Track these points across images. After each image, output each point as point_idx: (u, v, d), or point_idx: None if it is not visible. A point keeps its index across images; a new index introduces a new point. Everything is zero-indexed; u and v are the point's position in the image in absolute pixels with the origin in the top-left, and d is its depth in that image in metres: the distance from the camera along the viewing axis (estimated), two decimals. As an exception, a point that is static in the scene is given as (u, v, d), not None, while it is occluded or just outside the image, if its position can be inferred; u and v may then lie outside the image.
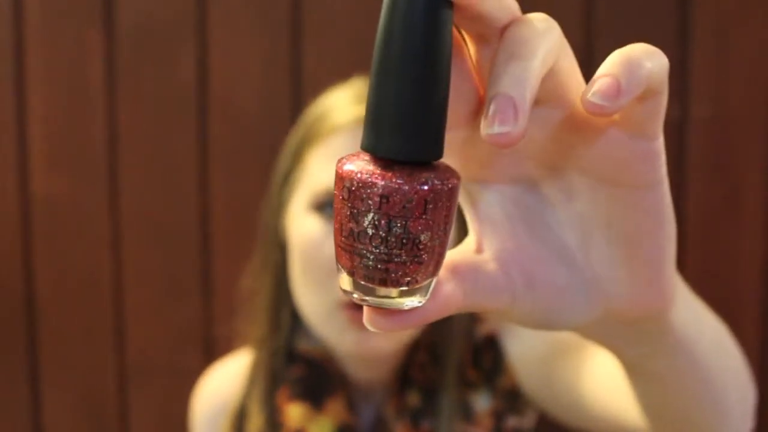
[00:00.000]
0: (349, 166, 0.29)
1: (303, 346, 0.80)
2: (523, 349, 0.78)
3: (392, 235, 0.28)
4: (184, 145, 1.18)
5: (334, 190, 0.30)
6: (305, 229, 0.72)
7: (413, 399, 0.78)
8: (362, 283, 0.30)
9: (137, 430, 1.25)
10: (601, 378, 0.63)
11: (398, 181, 0.28)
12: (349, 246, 0.29)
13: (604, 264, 0.34)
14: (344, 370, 0.79)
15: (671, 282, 0.35)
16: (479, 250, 0.35)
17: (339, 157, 0.30)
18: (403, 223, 0.28)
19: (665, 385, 0.41)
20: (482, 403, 0.78)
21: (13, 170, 1.21)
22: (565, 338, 0.73)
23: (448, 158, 0.32)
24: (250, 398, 0.80)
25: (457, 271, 0.33)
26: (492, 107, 0.27)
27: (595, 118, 0.30)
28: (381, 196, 0.28)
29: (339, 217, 0.30)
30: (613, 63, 0.27)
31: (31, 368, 1.26)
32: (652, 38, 1.21)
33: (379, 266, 0.29)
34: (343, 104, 0.75)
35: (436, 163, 0.29)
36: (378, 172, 0.28)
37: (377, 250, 0.29)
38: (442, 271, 0.32)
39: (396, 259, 0.29)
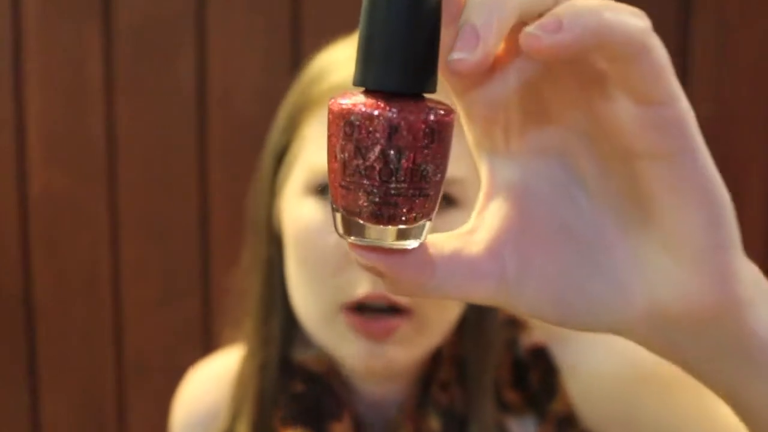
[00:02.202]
0: (347, 101, 0.28)
1: (300, 355, 0.66)
2: (587, 365, 0.62)
3: (401, 167, 0.28)
4: (184, 143, 1.18)
5: (328, 130, 0.29)
6: (302, 216, 0.60)
7: (433, 425, 0.63)
8: (362, 222, 0.29)
9: (136, 430, 1.25)
10: (724, 422, 0.50)
11: (404, 111, 0.27)
12: (355, 184, 0.28)
13: (642, 246, 0.30)
14: (351, 384, 0.65)
15: (731, 275, 0.29)
16: (473, 231, 0.32)
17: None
18: (412, 154, 0.27)
19: (761, 413, 0.32)
20: (523, 430, 0.63)
21: (11, 168, 1.21)
22: (654, 361, 0.49)
23: (470, 125, 0.32)
24: (238, 421, 0.67)
25: (434, 251, 0.30)
26: (458, 35, 0.26)
27: (589, 74, 0.28)
28: (389, 128, 0.27)
29: (340, 156, 0.28)
30: (561, 8, 0.26)
31: (30, 367, 1.26)
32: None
33: (388, 201, 0.28)
34: (346, 60, 0.62)
35: (429, 97, 0.28)
36: (381, 104, 0.27)
37: (386, 185, 0.28)
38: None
39: (404, 193, 0.28)
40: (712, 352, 0.31)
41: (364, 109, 0.27)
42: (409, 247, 0.29)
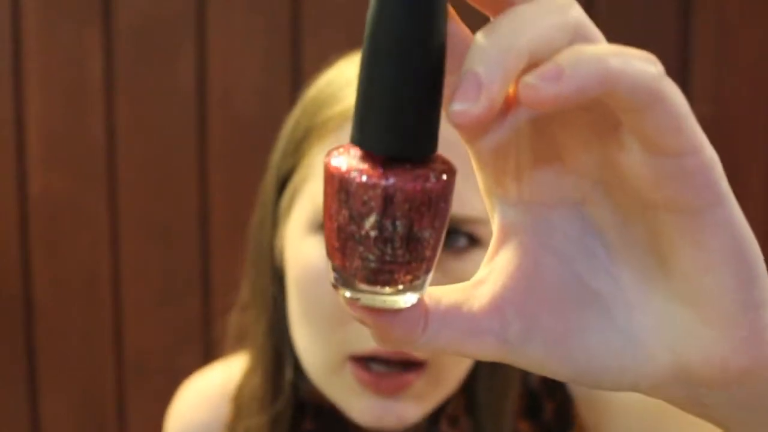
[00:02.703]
0: (341, 163, 0.27)
1: (309, 389, 0.61)
2: (605, 393, 0.58)
3: (396, 236, 0.27)
4: (184, 143, 1.18)
5: (324, 187, 0.27)
6: (306, 257, 0.55)
7: None
8: (360, 285, 0.28)
9: (135, 429, 1.25)
10: None
11: (401, 180, 0.26)
12: (350, 249, 0.27)
13: (666, 306, 0.28)
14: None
15: (762, 336, 0.27)
16: (481, 282, 0.30)
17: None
18: (408, 223, 0.26)
19: None
20: None
21: (11, 169, 1.21)
22: None
23: (480, 172, 0.30)
24: None
25: (430, 303, 0.28)
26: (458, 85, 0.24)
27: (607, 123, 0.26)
28: (385, 198, 0.26)
29: (335, 217, 0.27)
30: (563, 54, 0.24)
31: (30, 367, 1.25)
32: (654, 39, 1.21)
33: (383, 268, 0.27)
34: (354, 83, 0.56)
35: (430, 156, 0.27)
36: (377, 171, 0.26)
37: (380, 253, 0.27)
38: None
39: (400, 260, 0.27)
40: (741, 409, 0.29)
41: (359, 179, 0.26)
42: (406, 305, 0.28)
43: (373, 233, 0.27)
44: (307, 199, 0.57)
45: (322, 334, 0.55)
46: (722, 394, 0.28)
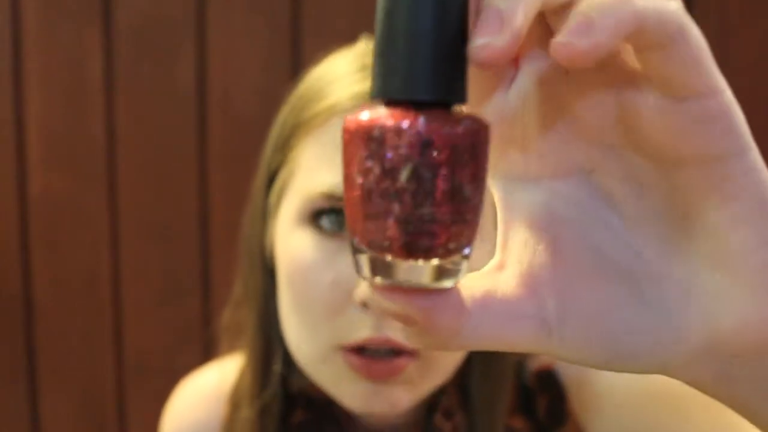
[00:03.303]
0: (363, 116, 0.24)
1: (300, 383, 0.62)
2: (595, 383, 0.59)
3: (436, 187, 0.24)
4: (184, 144, 1.18)
5: (344, 154, 0.25)
6: (295, 249, 0.55)
7: None
8: (390, 260, 0.24)
9: (136, 429, 1.25)
10: None
11: (438, 123, 0.23)
12: (383, 211, 0.24)
13: (695, 273, 0.26)
14: (352, 412, 0.61)
15: None
16: (501, 266, 0.28)
17: (343, 120, 0.24)
18: (449, 172, 0.24)
19: None
20: None
21: (11, 169, 1.21)
22: (660, 380, 0.51)
23: None
24: None
25: (465, 293, 0.26)
26: (478, 21, 0.23)
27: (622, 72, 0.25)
28: (422, 141, 0.23)
29: (361, 181, 0.24)
30: (586, 3, 0.23)
31: (30, 367, 1.25)
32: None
33: (423, 229, 0.24)
34: (346, 75, 0.57)
35: (458, 108, 0.25)
36: (410, 114, 0.24)
37: (419, 210, 0.24)
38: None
39: (441, 219, 0.24)
40: (766, 386, 0.27)
41: (390, 122, 0.24)
42: (448, 285, 0.25)
43: (410, 186, 0.23)
44: (295, 192, 0.56)
45: (312, 326, 0.55)
46: (752, 366, 0.26)
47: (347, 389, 0.55)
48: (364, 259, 0.25)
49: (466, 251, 0.25)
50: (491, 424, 0.60)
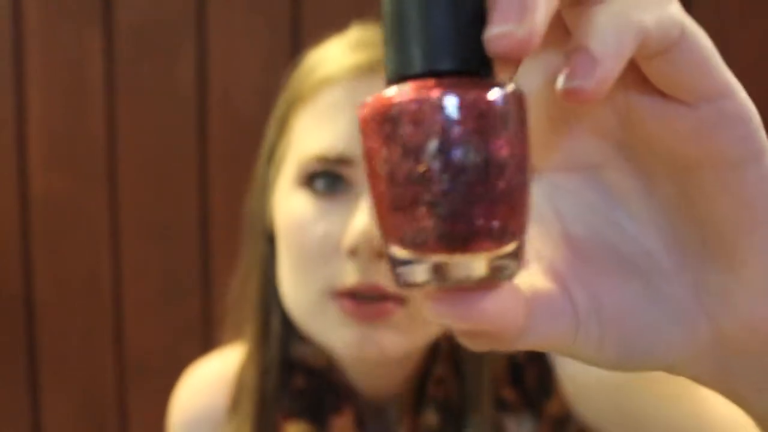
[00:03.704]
0: (381, 96, 0.22)
1: (300, 352, 0.65)
2: (582, 366, 0.62)
3: (469, 163, 0.21)
4: (184, 144, 1.18)
5: (364, 145, 0.22)
6: (291, 209, 0.58)
7: (430, 419, 0.63)
8: (436, 259, 0.21)
9: (136, 430, 1.25)
10: (720, 413, 0.49)
11: (461, 91, 0.21)
12: (411, 199, 0.21)
13: (702, 272, 0.26)
14: (350, 379, 0.65)
15: None
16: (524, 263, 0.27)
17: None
18: (481, 143, 0.21)
19: None
20: (520, 429, 0.63)
21: (12, 169, 1.21)
22: None
23: None
24: (238, 422, 0.67)
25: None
26: (494, 9, 0.21)
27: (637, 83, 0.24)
28: (444, 114, 0.21)
29: (383, 169, 0.21)
30: (583, 31, 0.22)
31: (31, 368, 1.26)
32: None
33: (459, 211, 0.21)
34: (337, 52, 0.60)
35: (488, 79, 0.22)
36: (428, 85, 0.21)
37: (453, 190, 0.21)
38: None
39: (479, 199, 0.21)
40: (765, 379, 0.27)
41: (406, 97, 0.21)
42: (500, 278, 0.22)
43: (436, 164, 0.21)
44: (291, 160, 0.60)
45: (305, 276, 0.57)
46: (752, 363, 0.27)
47: (339, 335, 0.57)
48: (396, 260, 0.22)
49: (518, 239, 0.22)
50: (480, 391, 0.62)
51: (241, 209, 0.80)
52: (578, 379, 0.62)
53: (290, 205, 0.59)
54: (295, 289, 0.59)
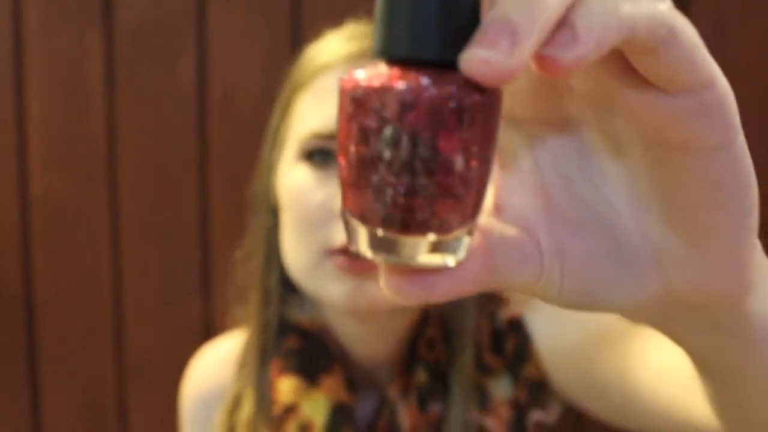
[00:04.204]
0: (356, 74, 0.22)
1: (296, 316, 0.71)
2: (553, 334, 0.69)
3: (417, 156, 0.21)
4: (184, 144, 1.18)
5: (339, 115, 0.23)
6: (293, 181, 0.65)
7: (420, 377, 0.69)
8: (380, 235, 0.22)
9: (136, 430, 1.25)
10: (660, 369, 0.54)
11: (424, 82, 0.21)
12: (360, 179, 0.22)
13: (661, 236, 0.27)
14: (343, 344, 0.71)
15: (748, 264, 0.27)
16: (497, 210, 0.28)
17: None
18: (432, 138, 0.21)
19: (744, 383, 0.32)
20: (501, 391, 0.70)
21: (12, 169, 1.21)
22: (606, 321, 0.63)
23: None
24: (243, 377, 0.73)
25: (483, 236, 0.26)
26: (481, 30, 0.20)
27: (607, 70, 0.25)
28: (401, 103, 0.21)
29: (347, 144, 0.22)
30: (574, 9, 0.22)
31: (30, 367, 1.26)
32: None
33: (400, 202, 0.21)
34: (333, 43, 0.67)
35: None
36: (396, 74, 0.21)
37: (397, 180, 0.21)
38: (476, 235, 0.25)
39: (423, 192, 0.21)
40: (706, 329, 0.30)
41: (370, 82, 0.21)
42: (438, 266, 0.23)
43: (387, 152, 0.21)
44: (292, 139, 0.67)
45: (304, 237, 0.64)
46: (694, 316, 0.29)
47: (334, 288, 0.63)
48: (355, 230, 0.23)
49: (465, 229, 0.23)
50: (463, 350, 0.68)
51: (242, 209, 0.81)
52: (552, 346, 0.68)
53: (292, 178, 0.66)
54: (296, 250, 0.65)
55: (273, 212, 0.71)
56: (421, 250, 0.22)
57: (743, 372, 0.32)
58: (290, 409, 0.69)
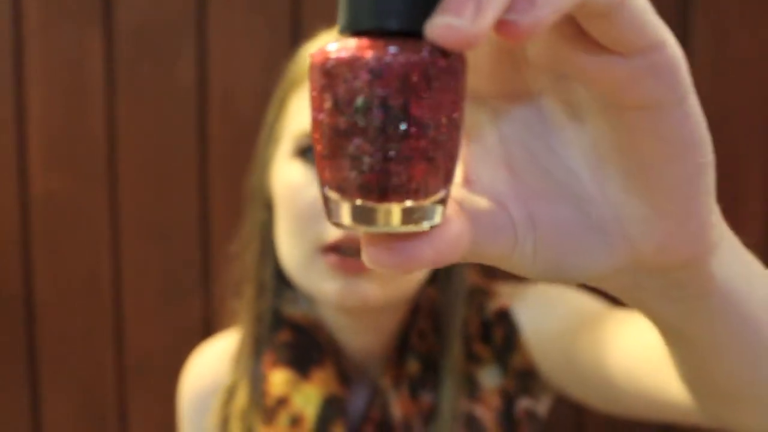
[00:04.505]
0: (324, 50, 0.23)
1: (290, 311, 0.73)
2: (538, 324, 0.71)
3: (390, 122, 0.22)
4: (184, 144, 1.18)
5: (310, 88, 0.24)
6: (287, 177, 0.67)
7: (412, 368, 0.71)
8: (358, 204, 0.23)
9: (136, 430, 1.25)
10: (634, 351, 0.56)
11: (391, 50, 0.22)
12: (336, 149, 0.23)
13: (623, 199, 0.28)
14: (335, 338, 0.73)
15: (708, 223, 0.28)
16: (467, 183, 0.29)
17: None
18: (403, 103, 0.22)
19: (710, 350, 0.34)
20: (490, 379, 0.72)
21: (12, 169, 1.21)
22: (586, 309, 0.67)
23: None
24: (238, 370, 0.75)
25: (457, 205, 0.27)
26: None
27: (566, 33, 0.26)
28: (371, 71, 0.22)
29: (318, 121, 0.23)
30: None
31: (31, 368, 1.26)
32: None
33: (376, 168, 0.22)
34: (326, 42, 0.69)
35: (426, 42, 0.23)
36: (365, 44, 0.22)
37: (373, 147, 0.22)
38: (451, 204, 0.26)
39: (397, 156, 0.22)
40: (673, 296, 0.31)
41: (340, 54, 0.22)
42: (422, 230, 0.24)
43: (361, 120, 0.22)
44: (286, 138, 0.69)
45: (297, 234, 0.66)
46: (659, 279, 0.30)
47: (327, 287, 0.64)
48: (334, 204, 0.24)
49: (440, 194, 0.24)
50: (453, 340, 0.70)
51: (242, 209, 0.81)
52: (539, 336, 0.70)
53: (286, 175, 0.67)
54: (290, 247, 0.67)
55: (268, 207, 0.73)
56: (399, 217, 0.23)
57: (708, 339, 0.33)
58: (282, 402, 0.71)
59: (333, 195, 0.24)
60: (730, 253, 0.32)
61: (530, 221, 0.29)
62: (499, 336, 0.72)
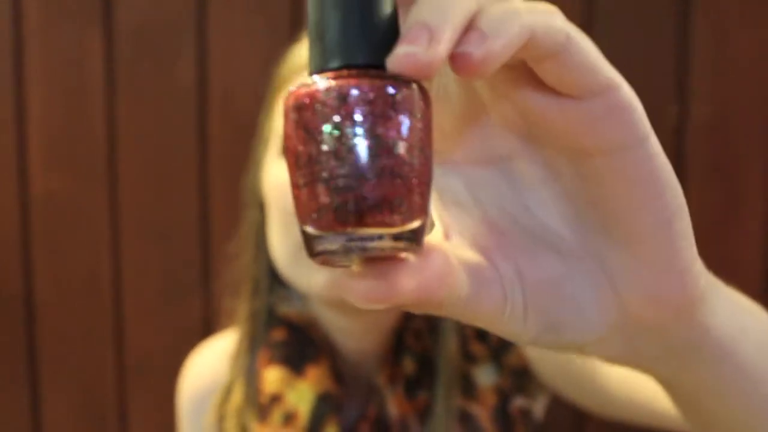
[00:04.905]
0: (293, 90, 0.25)
1: (284, 309, 0.74)
2: None
3: (359, 144, 0.23)
4: (184, 144, 1.18)
5: (284, 133, 0.25)
6: (275, 175, 0.69)
7: (408, 366, 0.71)
8: (338, 232, 0.24)
9: (136, 430, 1.25)
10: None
11: (355, 80, 0.24)
12: (310, 176, 0.24)
13: (605, 251, 0.29)
14: (330, 337, 0.73)
15: (692, 269, 0.29)
16: (447, 236, 0.29)
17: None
18: (371, 127, 0.23)
19: (704, 395, 0.34)
20: (486, 378, 0.72)
21: (12, 169, 1.21)
22: None
23: None
24: (235, 368, 0.76)
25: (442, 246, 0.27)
26: (403, 34, 0.23)
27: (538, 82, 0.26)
28: (338, 98, 0.23)
29: (293, 156, 0.24)
30: (479, 20, 0.24)
31: (31, 368, 1.26)
32: (652, 38, 1.20)
33: (350, 186, 0.23)
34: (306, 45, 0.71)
35: (390, 75, 0.24)
36: (330, 78, 0.24)
37: (345, 169, 0.23)
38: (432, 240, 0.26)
39: (369, 174, 0.23)
40: (670, 352, 0.31)
41: (309, 89, 0.24)
42: (407, 257, 0.24)
43: (331, 144, 0.23)
44: (275, 136, 0.70)
45: (287, 230, 0.66)
46: (652, 339, 0.30)
47: (316, 279, 0.65)
48: (315, 239, 0.25)
49: (417, 221, 0.24)
50: (448, 338, 0.71)
51: (241, 209, 0.81)
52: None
53: (274, 173, 0.69)
54: (279, 243, 0.68)
55: (261, 207, 0.74)
56: (378, 242, 0.24)
57: (702, 387, 0.33)
58: (275, 399, 0.71)
59: (311, 229, 0.24)
60: (721, 301, 0.32)
61: (517, 277, 0.29)
62: (495, 336, 0.71)
